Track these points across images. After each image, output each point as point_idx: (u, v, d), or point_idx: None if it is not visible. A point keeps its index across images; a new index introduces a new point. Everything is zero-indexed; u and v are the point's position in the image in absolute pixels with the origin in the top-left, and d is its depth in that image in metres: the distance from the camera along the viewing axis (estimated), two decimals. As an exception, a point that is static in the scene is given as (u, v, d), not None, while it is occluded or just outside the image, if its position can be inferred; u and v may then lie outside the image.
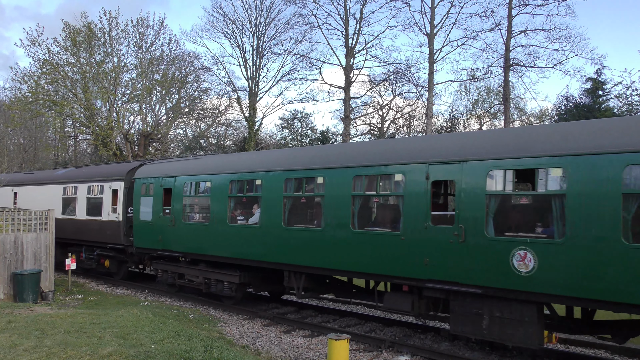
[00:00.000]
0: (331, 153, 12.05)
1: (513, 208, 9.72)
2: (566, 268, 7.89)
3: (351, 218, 10.65)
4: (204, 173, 14.43)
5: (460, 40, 31.97)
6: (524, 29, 28.70)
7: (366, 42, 34.12)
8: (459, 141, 9.87)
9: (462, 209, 9.10)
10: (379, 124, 44.35)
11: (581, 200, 7.81)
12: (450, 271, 9.16)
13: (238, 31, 37.70)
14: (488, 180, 8.85)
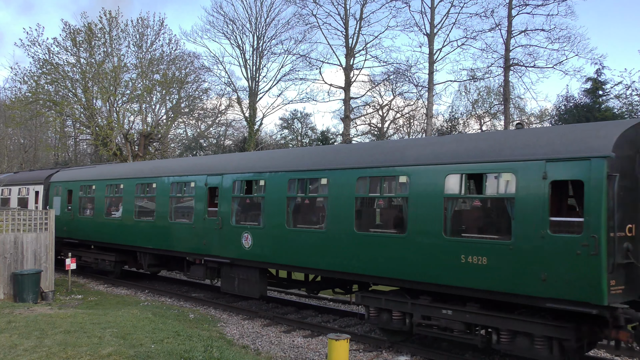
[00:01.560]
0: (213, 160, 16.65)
1: (243, 206, 13.62)
2: (269, 245, 12.24)
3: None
4: (92, 179, 19.24)
5: (460, 40, 31.97)
6: (524, 29, 28.71)
7: (366, 42, 34.13)
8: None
9: (221, 205, 13.53)
10: (379, 124, 44.37)
11: (334, 200, 10.97)
12: (217, 249, 13.40)
13: (238, 31, 37.72)
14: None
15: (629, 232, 7.84)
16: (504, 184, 8.69)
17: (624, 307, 7.44)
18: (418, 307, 9.63)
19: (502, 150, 8.77)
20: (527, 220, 8.11)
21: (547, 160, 8.03)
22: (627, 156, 7.90)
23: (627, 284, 7.74)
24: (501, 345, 8.74)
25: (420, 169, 9.53)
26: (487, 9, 38.66)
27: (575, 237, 7.64)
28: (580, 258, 7.52)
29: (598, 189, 7.48)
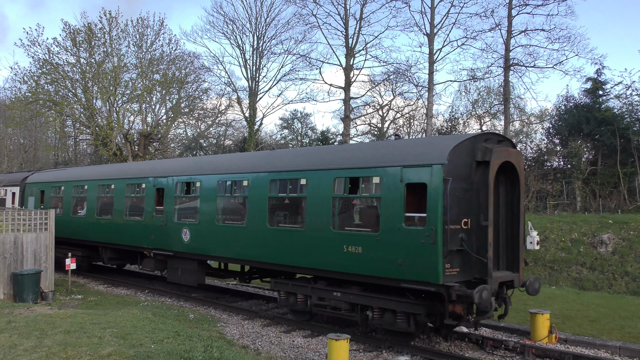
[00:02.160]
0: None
1: (183, 205, 15.23)
2: (203, 239, 14.02)
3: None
4: (61, 181, 20.79)
5: (460, 40, 32.01)
6: (524, 29, 28.75)
7: (366, 42, 34.15)
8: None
9: (165, 204, 15.29)
10: (379, 124, 44.36)
11: (253, 199, 12.74)
12: (163, 243, 15.19)
13: (238, 31, 37.74)
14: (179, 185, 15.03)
15: (464, 225, 9.52)
16: (374, 186, 10.51)
17: (456, 285, 9.09)
18: (315, 291, 11.49)
19: (374, 158, 10.64)
20: (390, 215, 9.82)
21: (403, 166, 9.79)
22: (463, 164, 9.59)
23: (461, 267, 9.42)
24: (374, 321, 10.49)
25: (315, 173, 11.35)
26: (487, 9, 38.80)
27: (420, 229, 9.37)
28: (423, 246, 9.26)
29: (436, 190, 9.19)
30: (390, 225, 9.76)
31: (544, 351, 9.79)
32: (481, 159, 9.70)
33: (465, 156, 9.68)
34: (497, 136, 10.70)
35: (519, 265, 10.00)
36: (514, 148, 10.60)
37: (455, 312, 9.38)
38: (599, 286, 17.20)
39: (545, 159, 29.85)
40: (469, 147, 9.76)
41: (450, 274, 9.20)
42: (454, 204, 9.33)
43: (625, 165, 24.83)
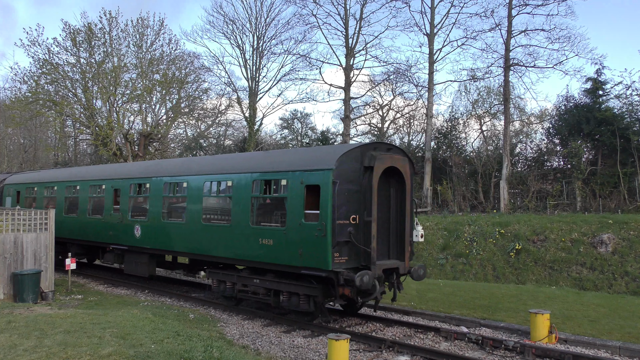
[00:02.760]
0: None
1: (136, 204, 16.83)
2: (152, 235, 15.65)
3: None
4: (34, 182, 22.47)
5: (460, 40, 32.05)
6: (524, 29, 28.79)
7: (366, 42, 34.18)
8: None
9: (121, 203, 16.97)
10: (379, 124, 44.35)
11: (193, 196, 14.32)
12: (119, 238, 16.83)
13: (238, 31, 37.74)
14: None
15: (352, 221, 11.08)
16: (282, 187, 11.99)
17: (344, 271, 10.76)
18: (239, 278, 13.13)
19: (282, 163, 12.25)
20: (293, 212, 11.44)
21: (303, 171, 11.41)
22: (352, 169, 11.13)
23: (349, 256, 11.01)
24: (284, 303, 12.12)
25: (238, 176, 13.04)
26: (487, 9, 38.85)
27: (315, 224, 10.95)
28: (317, 238, 10.84)
29: (327, 191, 10.75)
30: (293, 221, 11.41)
31: (544, 351, 9.79)
32: (367, 164, 11.26)
33: (354, 162, 11.25)
34: (386, 145, 12.22)
35: (405, 255, 11.77)
36: (403, 156, 12.14)
37: (344, 294, 11.09)
38: (599, 286, 17.20)
39: (545, 159, 29.85)
40: (358, 154, 11.34)
41: (339, 262, 10.85)
42: (343, 202, 10.94)
43: (625, 165, 24.82)
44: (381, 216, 11.62)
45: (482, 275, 19.43)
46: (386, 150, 11.88)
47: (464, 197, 29.28)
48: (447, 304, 13.85)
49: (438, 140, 33.45)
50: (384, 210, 11.81)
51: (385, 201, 11.89)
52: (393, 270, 11.76)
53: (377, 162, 11.17)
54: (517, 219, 21.79)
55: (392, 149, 12.13)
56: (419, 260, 21.19)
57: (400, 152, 12.28)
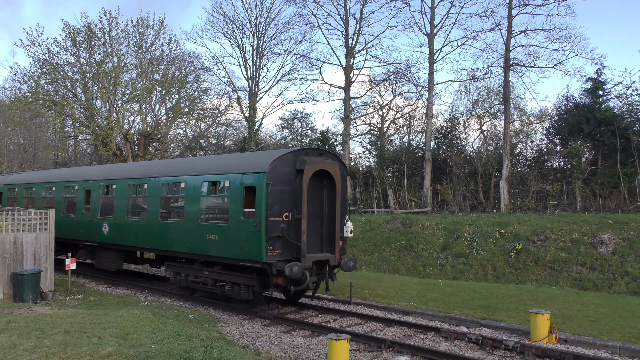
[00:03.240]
0: None
1: (104, 204, 18.09)
2: (117, 232, 17.10)
3: None
4: (15, 183, 23.88)
5: (460, 40, 32.05)
6: (524, 29, 28.78)
7: (366, 42, 34.18)
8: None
9: (91, 203, 18.38)
10: (379, 124, 44.34)
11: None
12: (90, 236, 18.30)
13: (238, 31, 37.74)
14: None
15: (285, 218, 12.33)
16: (225, 188, 13.40)
17: (277, 262, 12.03)
18: (192, 270, 14.47)
19: (226, 167, 13.82)
20: (234, 210, 12.80)
21: (243, 173, 12.74)
22: (285, 172, 12.43)
23: (282, 249, 12.26)
24: (228, 292, 13.41)
25: (190, 178, 14.49)
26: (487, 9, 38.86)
27: (251, 221, 12.29)
28: (253, 234, 12.17)
29: (261, 191, 12.09)
30: (234, 218, 12.78)
31: (544, 351, 9.79)
32: (299, 168, 12.54)
33: (287, 166, 12.50)
34: (317, 150, 13.52)
35: (336, 248, 12.99)
36: (334, 159, 13.44)
37: (278, 284, 12.36)
38: (599, 286, 17.19)
39: (545, 159, 29.84)
40: (291, 159, 12.61)
41: (272, 255, 12.11)
42: (276, 201, 12.19)
43: (626, 165, 24.81)
44: (313, 214, 12.95)
45: (482, 275, 19.42)
46: (318, 155, 13.21)
47: (464, 197, 29.28)
48: (447, 304, 13.85)
49: (438, 140, 33.44)
50: (316, 209, 13.11)
51: (318, 200, 13.19)
52: (325, 263, 12.97)
53: (307, 165, 12.48)
54: (517, 219, 21.78)
55: (323, 153, 13.49)
56: (420, 258, 21.22)
57: (331, 156, 13.66)
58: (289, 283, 12.44)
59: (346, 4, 33.54)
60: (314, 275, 12.80)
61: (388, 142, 40.30)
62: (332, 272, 13.32)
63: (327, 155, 13.51)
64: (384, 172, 33.61)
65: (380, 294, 15.39)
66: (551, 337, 10.46)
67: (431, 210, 28.95)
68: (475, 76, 31.68)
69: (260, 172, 12.26)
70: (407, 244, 22.27)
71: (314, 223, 12.96)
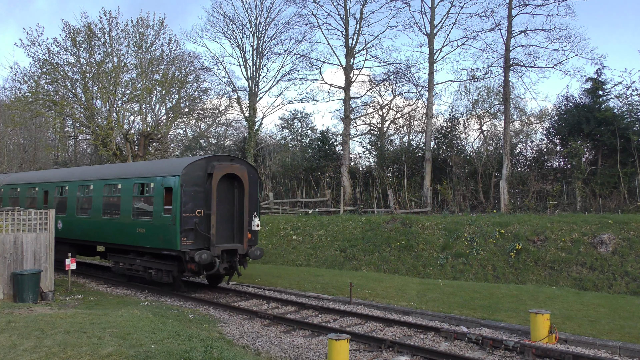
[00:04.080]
0: None
1: (59, 203, 20.41)
2: (69, 228, 19.62)
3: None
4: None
5: (460, 40, 32.03)
6: (524, 29, 28.72)
7: (366, 42, 34.15)
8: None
9: (49, 202, 20.74)
10: (379, 124, 44.33)
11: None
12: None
13: (238, 31, 37.71)
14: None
15: (197, 214, 14.77)
16: (151, 189, 15.99)
17: (189, 251, 14.50)
18: (128, 259, 17.04)
19: (152, 171, 16.56)
20: (157, 207, 15.39)
21: (163, 176, 15.36)
22: (197, 175, 14.96)
23: (195, 240, 14.74)
24: (154, 277, 15.94)
25: (125, 180, 17.14)
26: (487, 9, 38.86)
27: (169, 216, 14.86)
28: (170, 227, 14.74)
29: (176, 192, 14.64)
30: (157, 214, 15.33)
31: (544, 351, 9.79)
32: (209, 172, 14.99)
33: (200, 170, 15.01)
34: (229, 157, 16.06)
35: (244, 240, 15.51)
36: (243, 165, 15.96)
37: (191, 269, 14.76)
38: (599, 286, 17.19)
39: (545, 159, 29.82)
40: (204, 164, 15.18)
41: (185, 244, 14.52)
42: (190, 200, 14.68)
43: (626, 165, 24.79)
44: (225, 211, 15.43)
45: (482, 275, 19.42)
46: (229, 160, 15.71)
47: (464, 197, 29.26)
48: (447, 304, 13.85)
49: (438, 140, 33.41)
50: (228, 206, 15.59)
51: (230, 199, 15.67)
52: (234, 251, 15.33)
53: (216, 170, 14.96)
54: (517, 219, 21.78)
55: (234, 159, 15.96)
56: (420, 258, 21.24)
57: (241, 162, 16.14)
58: (201, 268, 14.75)
59: (346, 4, 33.54)
60: (225, 262, 15.22)
61: (388, 142, 40.28)
62: (243, 260, 15.78)
63: (237, 161, 15.93)
64: (384, 172, 33.60)
65: (380, 294, 15.39)
66: (551, 337, 10.47)
67: (431, 210, 28.95)
68: (475, 76, 31.66)
69: (175, 175, 14.80)
70: (407, 244, 22.27)
71: (225, 218, 15.43)
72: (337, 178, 34.27)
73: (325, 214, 30.70)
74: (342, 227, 25.19)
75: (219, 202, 15.14)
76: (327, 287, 16.62)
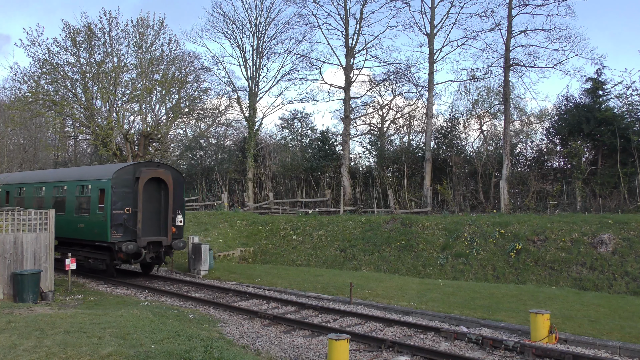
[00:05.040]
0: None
1: (18, 202, 22.97)
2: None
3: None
4: None
5: (460, 40, 32.04)
6: (524, 29, 28.74)
7: (366, 42, 34.16)
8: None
9: (10, 202, 23.93)
10: (379, 124, 44.33)
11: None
12: None
13: (238, 31, 37.72)
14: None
15: (126, 211, 17.51)
16: (89, 190, 18.67)
17: (118, 242, 17.16)
18: (73, 250, 19.10)
19: (90, 174, 19.59)
20: (93, 206, 18.17)
21: (98, 179, 18.30)
22: (127, 178, 17.75)
23: (124, 233, 17.47)
24: (92, 265, 19.02)
25: (70, 182, 19.85)
26: (487, 9, 38.89)
27: (102, 213, 17.54)
28: (103, 222, 17.56)
29: (108, 192, 17.39)
30: (93, 211, 18.05)
31: (544, 351, 9.79)
32: (137, 176, 17.83)
33: (128, 174, 17.83)
34: (155, 164, 19.06)
35: (168, 233, 18.26)
36: (167, 170, 18.78)
37: (121, 258, 17.52)
38: (599, 286, 17.19)
39: (545, 159, 29.82)
40: (132, 169, 18.02)
41: (115, 237, 17.32)
42: (119, 199, 17.45)
43: (626, 165, 24.79)
44: (153, 208, 18.24)
45: (482, 275, 19.42)
46: (156, 166, 18.63)
47: (464, 197, 29.26)
48: (447, 304, 13.85)
49: (438, 140, 33.41)
50: (156, 205, 18.39)
51: (157, 199, 18.47)
52: (160, 243, 18.10)
53: (142, 174, 17.82)
54: (517, 219, 21.78)
55: (160, 165, 18.95)
56: (420, 258, 21.24)
57: (166, 167, 19.10)
58: (129, 257, 17.50)
59: (346, 4, 33.54)
60: (151, 252, 17.89)
61: (388, 142, 40.26)
62: (168, 250, 18.50)
63: (163, 167, 18.95)
64: (384, 172, 33.59)
65: (380, 294, 15.39)
66: (551, 337, 10.47)
67: (431, 210, 28.95)
68: (475, 76, 31.66)
69: (107, 178, 17.66)
70: (407, 244, 22.27)
71: (152, 215, 18.19)
72: (337, 178, 34.27)
73: (325, 214, 30.70)
74: (342, 227, 25.19)
75: (147, 201, 17.94)
76: (327, 287, 16.62)
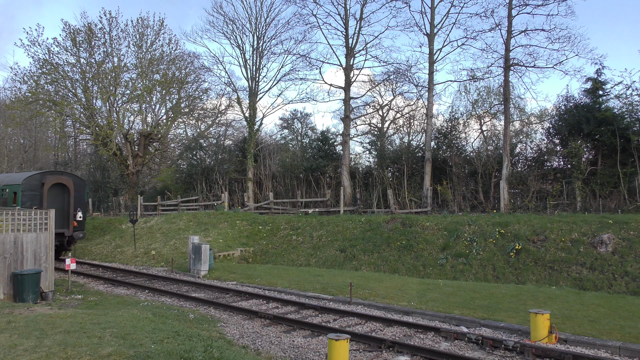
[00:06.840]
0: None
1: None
2: None
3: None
4: None
5: (460, 40, 32.04)
6: (524, 29, 28.71)
7: (366, 42, 34.15)
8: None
9: None
10: (379, 124, 44.33)
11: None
12: None
13: (238, 31, 37.71)
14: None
15: (34, 209, 16.94)
16: (6, 192, 23.81)
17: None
18: None
19: (7, 180, 24.98)
20: (10, 204, 22.61)
21: (12, 184, 23.76)
22: (35, 184, 23.27)
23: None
24: None
25: (25, 183, 23.45)
26: (487, 9, 38.89)
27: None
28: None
29: (19, 195, 22.99)
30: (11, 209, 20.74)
31: (544, 351, 9.80)
32: (42, 182, 22.93)
33: (36, 181, 23.05)
34: (58, 172, 24.12)
35: (70, 226, 23.43)
36: (69, 177, 24.05)
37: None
38: (599, 286, 17.19)
39: (545, 159, 29.82)
40: (39, 176, 23.29)
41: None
42: (28, 200, 22.49)
43: (626, 165, 24.78)
44: (60, 207, 23.06)
45: (482, 275, 19.42)
46: (60, 174, 23.95)
47: (464, 197, 29.26)
48: (447, 304, 13.85)
49: (438, 140, 33.40)
50: (62, 204, 23.40)
51: (62, 199, 23.46)
52: (62, 234, 23.09)
53: (46, 180, 23.08)
54: (517, 219, 21.78)
55: (63, 173, 24.44)
56: (420, 258, 21.27)
57: (69, 175, 24.40)
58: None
59: (346, 4, 33.55)
60: (56, 240, 20.71)
61: (388, 142, 40.25)
62: (71, 240, 23.74)
63: (66, 175, 24.23)
64: (384, 172, 33.59)
65: (380, 294, 15.39)
66: (551, 337, 10.47)
67: (431, 210, 28.95)
68: (475, 76, 31.66)
69: (18, 184, 23.09)
70: (407, 244, 22.27)
71: (58, 212, 22.09)
72: (337, 178, 34.27)
73: (325, 214, 30.71)
74: (342, 227, 25.20)
75: (53, 201, 23.01)
76: (327, 287, 16.62)
